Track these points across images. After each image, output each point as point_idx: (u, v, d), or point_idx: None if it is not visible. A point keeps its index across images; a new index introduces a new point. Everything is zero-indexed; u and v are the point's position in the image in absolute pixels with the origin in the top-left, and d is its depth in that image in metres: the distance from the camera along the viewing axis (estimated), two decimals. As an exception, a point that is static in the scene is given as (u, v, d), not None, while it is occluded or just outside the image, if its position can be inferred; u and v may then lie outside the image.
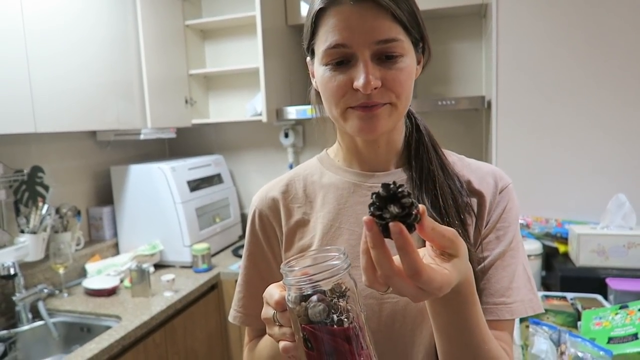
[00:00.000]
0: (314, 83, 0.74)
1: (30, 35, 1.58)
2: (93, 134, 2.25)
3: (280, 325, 0.57)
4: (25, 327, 1.70)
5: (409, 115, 0.77)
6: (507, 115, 1.84)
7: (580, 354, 1.03)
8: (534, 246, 1.70)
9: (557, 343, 1.04)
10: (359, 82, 0.62)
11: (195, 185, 2.31)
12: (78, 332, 1.73)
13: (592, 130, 1.76)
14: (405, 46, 0.65)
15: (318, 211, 0.76)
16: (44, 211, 1.80)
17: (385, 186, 0.46)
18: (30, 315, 1.72)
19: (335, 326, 0.50)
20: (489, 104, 1.98)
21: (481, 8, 2.13)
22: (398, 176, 0.74)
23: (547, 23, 1.76)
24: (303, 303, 0.50)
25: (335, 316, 0.50)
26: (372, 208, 0.46)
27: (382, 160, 0.75)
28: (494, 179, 0.75)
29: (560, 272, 1.59)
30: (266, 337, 0.75)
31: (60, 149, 2.08)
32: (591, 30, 1.72)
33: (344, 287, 0.51)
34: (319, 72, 0.68)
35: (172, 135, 2.42)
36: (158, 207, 2.19)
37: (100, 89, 1.90)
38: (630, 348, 1.06)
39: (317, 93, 0.75)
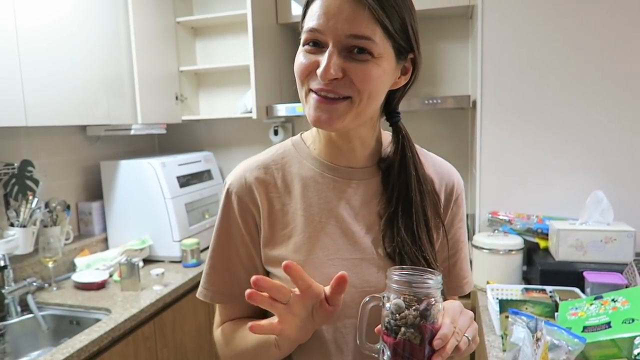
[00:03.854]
0: None
1: (22, 30, 1.59)
2: (83, 128, 2.26)
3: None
4: (14, 320, 1.70)
5: (398, 130, 0.79)
6: (491, 114, 1.90)
7: (556, 342, 1.08)
8: (516, 241, 1.75)
9: (534, 331, 1.09)
10: (319, 69, 0.65)
11: (185, 181, 2.33)
12: (67, 325, 1.74)
13: (572, 129, 1.82)
14: (380, 50, 0.65)
15: (297, 202, 0.77)
16: (33, 205, 1.81)
17: None
18: (19, 308, 1.73)
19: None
20: (474, 103, 2.03)
21: (468, 9, 2.18)
22: (372, 174, 0.78)
23: (531, 25, 1.82)
24: (416, 306, 0.60)
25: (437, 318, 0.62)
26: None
27: (358, 154, 0.78)
28: (452, 186, 0.83)
29: (540, 266, 1.64)
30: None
31: (50, 143, 2.08)
32: (572, 33, 1.78)
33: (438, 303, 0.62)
34: (298, 52, 0.70)
35: (162, 131, 2.44)
36: (148, 202, 2.21)
37: (91, 84, 1.91)
38: (603, 336, 1.11)
39: None
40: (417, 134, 2.71)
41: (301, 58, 0.69)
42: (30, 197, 1.82)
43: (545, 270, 1.62)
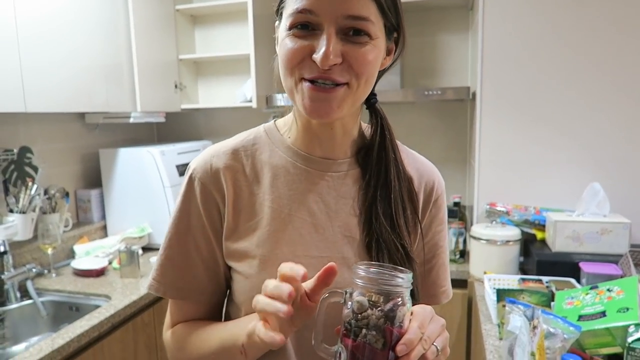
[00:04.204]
0: (277, 51, 0.68)
1: (21, 17, 1.57)
2: (82, 116, 2.25)
3: None
4: (14, 306, 1.71)
5: (375, 112, 0.74)
6: (490, 106, 1.90)
7: (552, 330, 1.09)
8: (513, 232, 1.77)
9: (531, 319, 1.11)
10: (318, 55, 0.58)
11: (184, 169, 2.32)
12: (67, 311, 1.75)
13: (570, 122, 1.83)
14: (376, 30, 0.61)
15: (265, 192, 0.71)
16: (33, 191, 1.81)
17: None
18: (18, 294, 1.74)
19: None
20: (474, 95, 2.03)
21: (468, 1, 2.18)
22: (349, 166, 0.73)
23: (532, 17, 1.82)
24: (381, 306, 0.54)
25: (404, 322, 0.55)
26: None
27: (337, 145, 0.72)
28: (432, 185, 0.77)
29: (537, 257, 1.66)
30: (214, 329, 0.71)
31: (48, 130, 2.07)
32: (572, 26, 1.79)
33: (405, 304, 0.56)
34: (282, 37, 0.64)
35: (162, 119, 2.43)
36: (147, 190, 2.21)
37: (90, 72, 1.90)
38: (598, 325, 1.13)
39: None
40: (416, 125, 2.73)
41: (289, 43, 0.61)
42: (30, 184, 1.82)
43: (542, 261, 1.64)
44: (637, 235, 1.73)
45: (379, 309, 0.53)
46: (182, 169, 2.31)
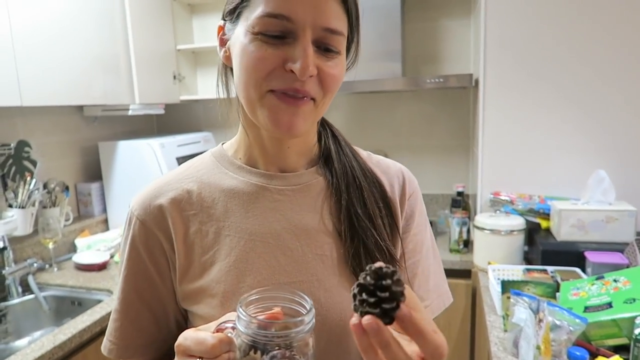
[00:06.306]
0: (220, 54, 0.63)
1: (14, 10, 1.55)
2: (80, 108, 2.23)
3: None
4: (16, 301, 1.70)
5: (323, 124, 0.72)
6: (493, 93, 1.87)
7: (557, 322, 1.08)
8: (517, 222, 1.75)
9: (536, 312, 1.09)
10: (296, 64, 0.54)
11: (184, 161, 2.30)
12: (69, 305, 1.75)
13: (574, 109, 1.80)
14: (344, 45, 0.59)
15: (220, 220, 0.64)
16: (32, 186, 1.80)
17: (374, 272, 0.42)
18: (20, 289, 1.73)
19: None
20: (477, 82, 2.00)
21: (471, -15, 2.13)
22: (310, 177, 0.67)
23: (534, 2, 1.78)
24: (265, 357, 0.47)
25: None
26: (360, 302, 0.41)
27: (291, 161, 0.67)
28: (402, 183, 0.71)
29: (542, 246, 1.64)
30: None
31: (47, 123, 2.05)
32: (576, 10, 1.74)
33: (307, 345, 0.49)
34: (243, 40, 0.57)
35: (161, 111, 2.41)
36: (147, 183, 2.18)
37: (87, 63, 1.87)
38: (605, 316, 1.12)
39: (226, 67, 0.65)
40: (417, 113, 2.70)
41: (259, 50, 0.55)
42: (28, 178, 1.80)
43: (547, 250, 1.62)
44: (643, 223, 1.70)
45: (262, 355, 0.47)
46: (182, 161, 2.29)
